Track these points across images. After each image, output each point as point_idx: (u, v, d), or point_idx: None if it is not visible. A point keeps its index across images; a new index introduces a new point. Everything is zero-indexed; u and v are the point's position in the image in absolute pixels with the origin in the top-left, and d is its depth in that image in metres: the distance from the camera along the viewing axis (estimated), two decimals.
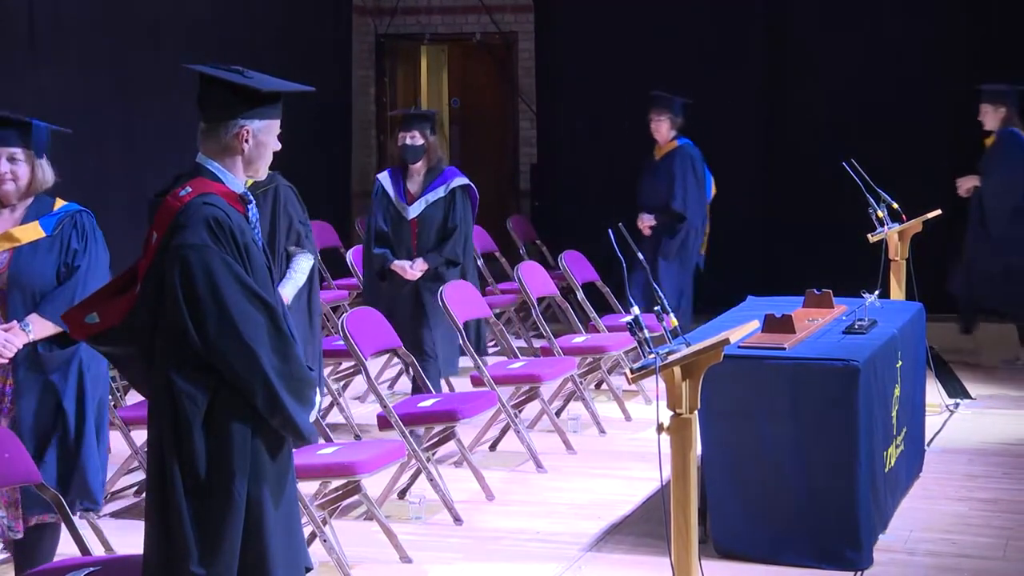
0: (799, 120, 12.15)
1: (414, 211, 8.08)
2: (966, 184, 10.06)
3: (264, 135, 4.09)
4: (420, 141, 8.10)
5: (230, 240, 3.95)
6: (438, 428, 6.90)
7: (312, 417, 4.10)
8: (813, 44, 12.10)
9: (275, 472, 4.03)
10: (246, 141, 4.06)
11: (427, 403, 6.88)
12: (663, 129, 10.35)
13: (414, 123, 8.14)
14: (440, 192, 8.08)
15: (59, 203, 5.24)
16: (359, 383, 8.59)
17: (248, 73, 4.09)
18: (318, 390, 4.13)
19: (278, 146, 4.15)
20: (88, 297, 4.28)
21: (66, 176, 5.83)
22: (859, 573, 5.76)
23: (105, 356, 4.33)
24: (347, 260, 10.17)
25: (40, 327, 5.03)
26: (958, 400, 8.81)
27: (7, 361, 5.01)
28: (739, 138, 12.18)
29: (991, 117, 10.00)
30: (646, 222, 10.22)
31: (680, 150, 10.29)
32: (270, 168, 4.24)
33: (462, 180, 8.18)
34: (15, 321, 5.05)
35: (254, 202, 4.16)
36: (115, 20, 9.82)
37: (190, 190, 4.00)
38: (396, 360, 9.47)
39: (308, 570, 4.24)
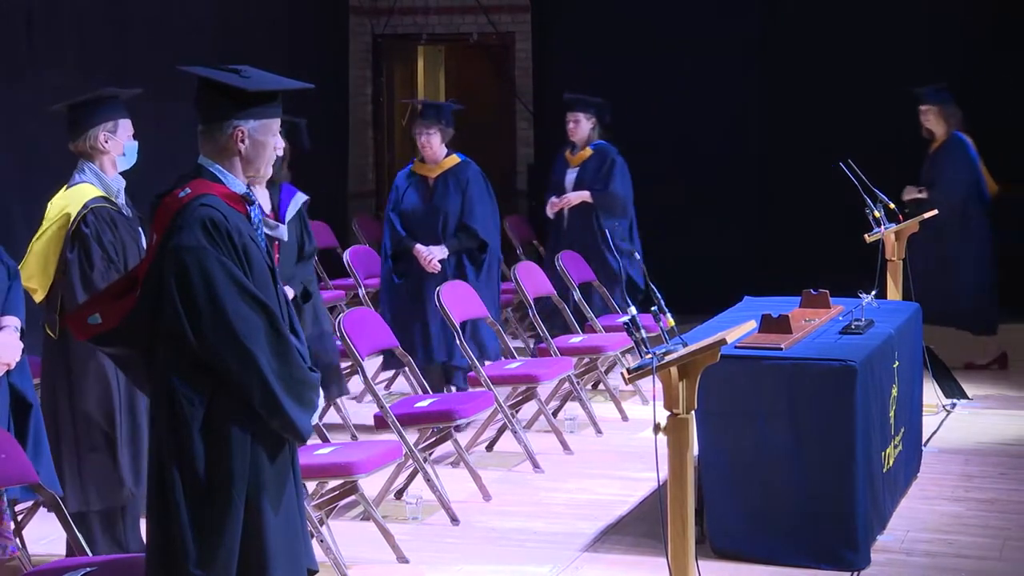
0: (796, 120, 12.16)
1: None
2: (572, 201, 9.45)
3: (260, 135, 4.06)
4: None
5: (227, 241, 3.94)
6: (435, 428, 6.90)
7: (314, 420, 4.10)
8: (810, 44, 12.10)
9: (275, 474, 4.02)
10: (242, 141, 4.05)
11: (424, 403, 6.89)
12: (435, 143, 8.44)
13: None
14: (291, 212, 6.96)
15: None
16: (356, 383, 8.59)
17: (246, 72, 4.07)
18: (321, 392, 4.13)
19: (282, 144, 4.14)
20: (91, 298, 4.28)
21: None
22: (856, 573, 5.76)
23: (108, 357, 4.33)
24: (344, 260, 10.17)
25: None
26: (955, 400, 8.82)
27: None
28: (736, 138, 12.19)
29: (583, 126, 9.52)
30: (436, 255, 8.31)
31: (468, 166, 8.52)
32: None
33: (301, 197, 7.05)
34: None
35: (257, 202, 4.16)
36: (113, 20, 9.82)
37: (189, 191, 4.00)
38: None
39: (312, 572, 4.23)
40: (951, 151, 9.67)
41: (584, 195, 9.50)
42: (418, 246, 8.34)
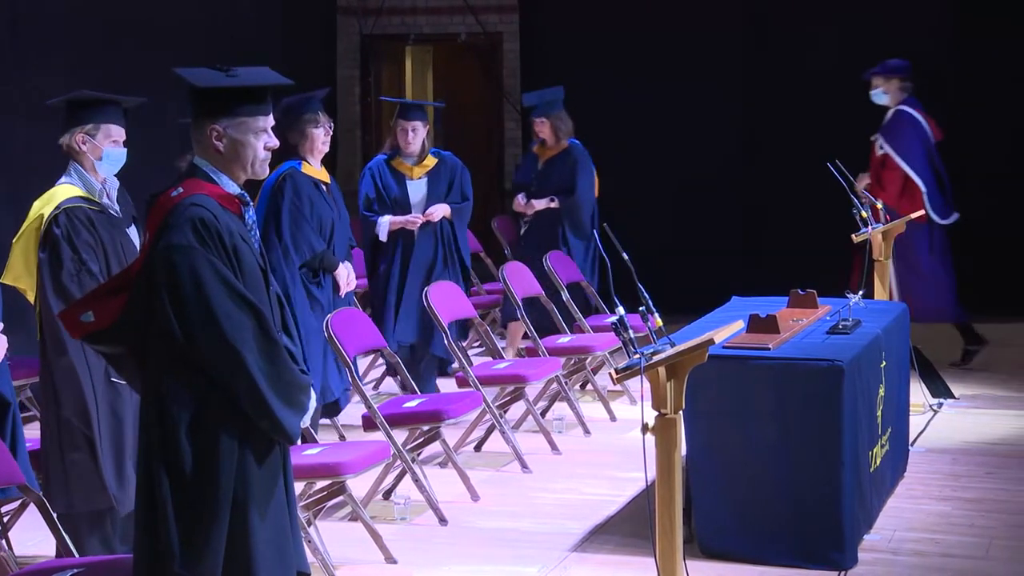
0: (783, 121, 12.17)
1: None
2: (437, 215, 8.66)
3: (239, 133, 4.04)
4: None
5: (217, 241, 3.93)
6: (423, 428, 6.89)
7: (306, 422, 4.09)
8: (796, 42, 12.12)
9: (264, 476, 4.02)
10: (218, 139, 4.03)
11: (412, 403, 6.89)
12: (328, 141, 7.58)
13: None
14: None
15: None
16: None
17: (234, 71, 4.06)
18: (313, 394, 4.12)
19: (274, 143, 4.10)
20: (84, 296, 4.27)
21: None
22: (843, 573, 5.77)
23: (101, 355, 4.33)
24: None
25: None
26: (942, 400, 8.84)
27: None
28: (723, 138, 12.20)
29: (421, 134, 8.68)
30: (353, 277, 7.56)
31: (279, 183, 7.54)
32: None
33: None
34: None
35: (251, 204, 4.15)
36: (102, 19, 9.80)
37: (182, 190, 4.00)
38: (381, 360, 9.47)
39: (303, 575, 4.22)
40: (577, 158, 9.73)
41: (445, 209, 8.75)
42: (340, 267, 7.51)
